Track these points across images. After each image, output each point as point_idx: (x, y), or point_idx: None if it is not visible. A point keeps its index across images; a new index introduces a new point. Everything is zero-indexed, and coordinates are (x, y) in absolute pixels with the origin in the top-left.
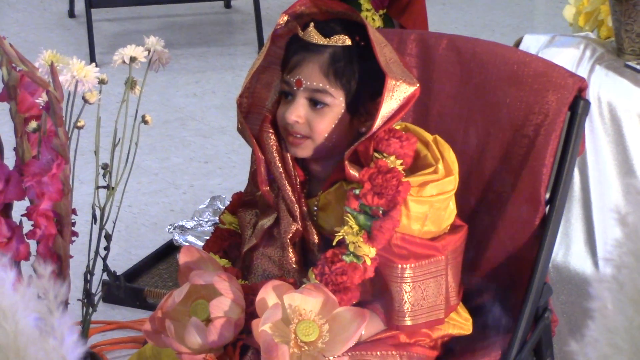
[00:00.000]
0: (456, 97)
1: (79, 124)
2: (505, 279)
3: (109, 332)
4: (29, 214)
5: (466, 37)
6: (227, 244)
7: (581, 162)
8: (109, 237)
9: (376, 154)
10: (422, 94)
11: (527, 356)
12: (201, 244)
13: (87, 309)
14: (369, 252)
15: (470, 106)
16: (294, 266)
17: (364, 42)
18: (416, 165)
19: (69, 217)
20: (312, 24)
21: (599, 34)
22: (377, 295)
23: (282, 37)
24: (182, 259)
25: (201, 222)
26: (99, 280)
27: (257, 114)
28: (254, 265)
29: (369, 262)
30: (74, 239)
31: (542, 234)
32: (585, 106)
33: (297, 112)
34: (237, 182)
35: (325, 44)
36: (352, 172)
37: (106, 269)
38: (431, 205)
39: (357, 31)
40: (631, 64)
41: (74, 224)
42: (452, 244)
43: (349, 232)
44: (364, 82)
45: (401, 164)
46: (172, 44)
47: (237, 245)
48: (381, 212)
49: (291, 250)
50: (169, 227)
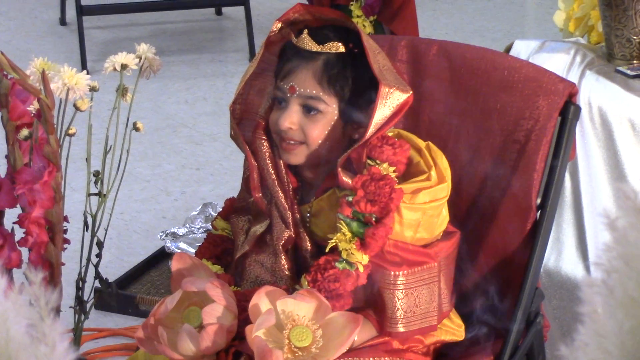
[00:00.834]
0: (447, 103)
1: (70, 132)
2: (497, 285)
3: (101, 340)
4: (20, 222)
5: (457, 43)
6: (219, 250)
7: (572, 167)
8: (100, 245)
9: (369, 161)
10: (412, 100)
11: None
12: (193, 250)
13: (79, 316)
14: (362, 259)
15: (460, 112)
16: (287, 273)
17: (358, 49)
18: (409, 172)
19: (60, 225)
20: (305, 31)
21: (589, 39)
22: (370, 301)
23: (276, 43)
24: (175, 265)
25: (193, 229)
26: (90, 287)
27: (250, 121)
28: (246, 271)
29: (361, 269)
30: (65, 246)
31: (534, 239)
32: (575, 111)
33: (291, 119)
34: (229, 188)
35: (318, 50)
36: (345, 179)
37: (98, 276)
38: (424, 212)
39: (351, 38)
40: (621, 69)
41: (65, 232)
42: (444, 251)
43: (342, 239)
44: (357, 89)
45: (394, 171)
46: (163, 51)
47: (230, 251)
48: (374, 219)
49: (283, 256)
50: (161, 234)
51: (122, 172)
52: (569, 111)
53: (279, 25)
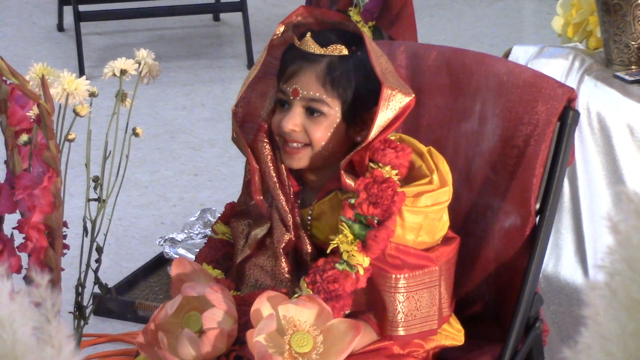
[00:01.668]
0: (446, 108)
1: (70, 137)
2: (496, 289)
3: (100, 345)
4: (20, 227)
5: (455, 49)
6: (220, 254)
7: (571, 173)
8: (100, 250)
9: (371, 164)
10: (414, 103)
11: None
12: (192, 256)
13: (79, 322)
14: (363, 261)
15: (459, 117)
16: (287, 276)
17: (360, 52)
18: (411, 175)
19: (60, 230)
20: (309, 34)
21: (588, 44)
22: (371, 305)
23: (278, 47)
24: (174, 271)
25: (191, 234)
26: (90, 292)
27: (252, 124)
28: (246, 275)
29: (361, 272)
30: (65, 251)
31: (533, 244)
32: (574, 116)
33: (294, 121)
34: (227, 194)
35: (322, 53)
36: (348, 182)
37: (98, 281)
38: (426, 215)
39: (353, 41)
40: (620, 74)
41: (65, 237)
42: (445, 255)
43: (344, 240)
44: (360, 91)
45: (396, 174)
46: (161, 56)
47: (230, 255)
48: (376, 221)
49: (284, 260)
50: (160, 239)
51: (122, 177)
52: (568, 116)
53: (282, 28)
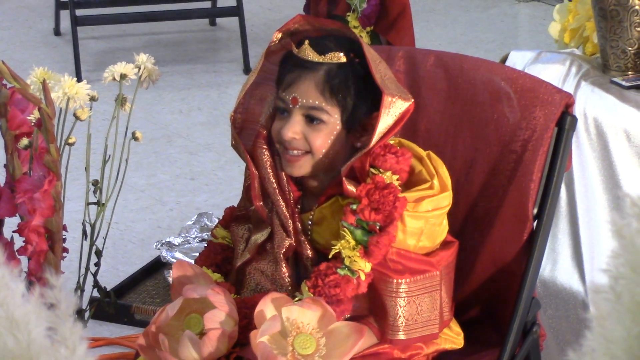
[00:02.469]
0: (444, 113)
1: (70, 141)
2: (493, 294)
3: (97, 349)
4: (20, 230)
5: (453, 54)
6: (220, 258)
7: (568, 178)
8: (99, 253)
9: (372, 170)
10: (413, 108)
11: None
12: (189, 260)
13: None
14: (365, 267)
15: (457, 122)
16: (287, 280)
17: (359, 59)
18: (410, 180)
19: (60, 233)
20: (307, 42)
21: (585, 50)
22: (372, 309)
23: (276, 53)
24: (175, 273)
25: (188, 238)
26: (88, 296)
27: (251, 130)
28: (246, 279)
29: (362, 277)
30: (64, 255)
31: (530, 249)
32: (572, 122)
33: (294, 129)
34: (224, 198)
35: (320, 61)
36: (350, 188)
37: (97, 285)
38: (427, 220)
39: (351, 48)
40: (616, 80)
41: (64, 240)
42: (445, 260)
43: (346, 246)
44: (359, 98)
45: (397, 180)
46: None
47: (230, 259)
48: (378, 227)
49: (284, 265)
50: (156, 243)
51: (121, 181)
52: (565, 122)
53: (279, 35)
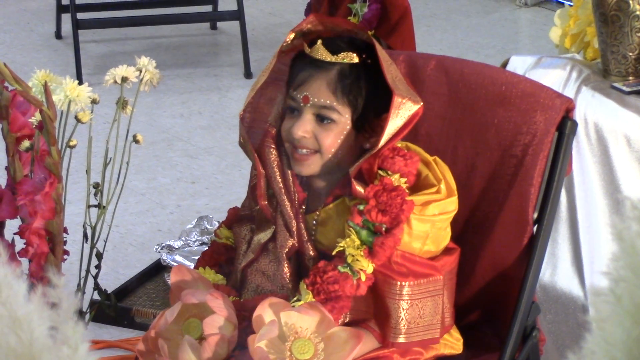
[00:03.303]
0: (444, 117)
1: (71, 144)
2: (493, 298)
3: (98, 351)
4: (21, 233)
5: (454, 58)
6: (223, 258)
7: (568, 183)
8: (100, 256)
9: (380, 172)
10: (422, 111)
11: None
12: (189, 263)
13: None
14: (367, 267)
15: (458, 126)
16: (288, 281)
17: (370, 60)
18: (417, 184)
19: (61, 236)
20: (320, 41)
21: (585, 55)
22: (374, 312)
23: (287, 53)
24: (173, 278)
25: (189, 241)
26: (88, 299)
27: (259, 129)
28: (247, 280)
29: (363, 278)
30: (65, 257)
31: (530, 253)
32: (572, 126)
33: (304, 127)
34: (224, 202)
35: (333, 61)
36: (358, 189)
37: (97, 287)
38: (433, 224)
39: (363, 49)
40: (617, 85)
41: (65, 243)
42: (448, 265)
43: (350, 245)
44: (370, 99)
45: (405, 182)
46: (158, 65)
47: (232, 260)
48: (384, 229)
49: (286, 264)
50: (157, 246)
51: (122, 184)
52: (566, 126)
53: (292, 35)
